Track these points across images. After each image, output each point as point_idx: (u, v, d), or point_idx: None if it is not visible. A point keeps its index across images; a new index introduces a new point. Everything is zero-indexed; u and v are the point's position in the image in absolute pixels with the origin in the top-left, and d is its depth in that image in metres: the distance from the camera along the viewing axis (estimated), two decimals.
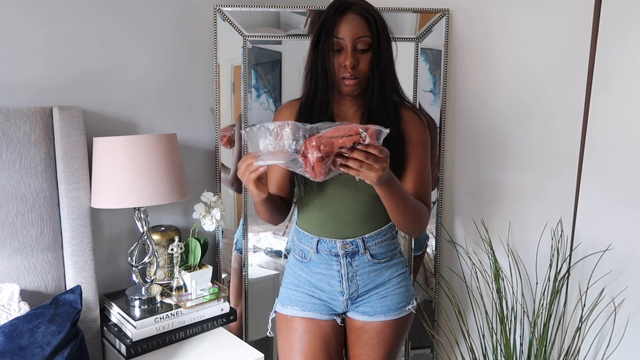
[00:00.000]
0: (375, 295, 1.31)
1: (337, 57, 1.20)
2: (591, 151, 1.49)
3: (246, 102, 1.76)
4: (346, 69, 1.19)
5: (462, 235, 1.83)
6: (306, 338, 1.30)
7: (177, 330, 1.49)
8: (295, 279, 1.35)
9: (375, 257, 1.30)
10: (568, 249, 1.57)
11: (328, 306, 1.32)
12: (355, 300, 1.31)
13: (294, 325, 1.32)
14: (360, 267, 1.29)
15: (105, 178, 1.37)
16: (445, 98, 1.77)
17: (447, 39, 1.74)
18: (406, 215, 1.19)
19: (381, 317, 1.31)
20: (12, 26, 1.36)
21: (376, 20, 1.20)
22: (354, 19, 1.19)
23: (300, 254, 1.34)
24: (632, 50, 1.38)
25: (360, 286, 1.30)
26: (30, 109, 1.35)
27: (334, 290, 1.30)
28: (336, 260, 1.29)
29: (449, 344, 1.88)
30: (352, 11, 1.19)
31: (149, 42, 1.62)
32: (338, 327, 1.34)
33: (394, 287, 1.32)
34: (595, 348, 1.55)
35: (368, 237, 1.28)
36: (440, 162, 1.80)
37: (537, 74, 1.58)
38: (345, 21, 1.19)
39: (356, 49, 1.19)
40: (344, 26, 1.18)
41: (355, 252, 1.28)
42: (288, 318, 1.33)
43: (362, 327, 1.32)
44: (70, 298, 1.27)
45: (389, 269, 1.32)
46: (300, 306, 1.32)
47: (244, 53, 1.74)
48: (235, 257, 1.83)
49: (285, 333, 1.34)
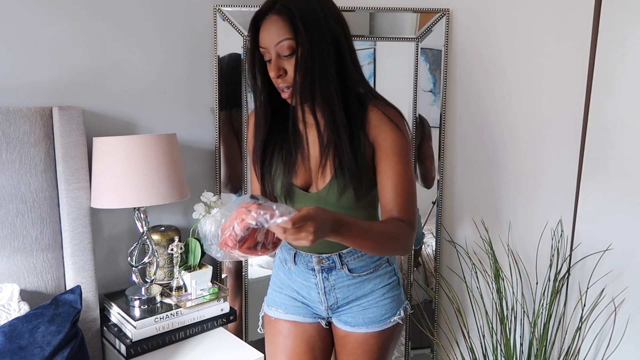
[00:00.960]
0: (356, 307, 1.24)
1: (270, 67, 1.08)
2: (591, 151, 1.49)
3: (246, 102, 1.76)
4: (275, 81, 1.08)
5: (462, 235, 1.83)
6: (290, 340, 1.28)
7: (177, 330, 1.49)
8: (279, 281, 1.33)
9: (353, 271, 1.21)
10: (568, 249, 1.57)
11: (311, 310, 1.29)
12: (335, 310, 1.26)
13: (277, 327, 1.30)
14: (339, 281, 1.22)
15: (105, 178, 1.37)
16: (445, 98, 1.77)
17: (447, 39, 1.74)
18: (376, 248, 1.06)
19: (363, 328, 1.24)
20: (12, 26, 1.36)
21: (296, 15, 1.01)
22: (272, 23, 1.04)
23: (283, 260, 1.31)
24: (632, 50, 1.38)
25: (339, 299, 1.23)
26: (30, 109, 1.35)
27: (313, 299, 1.26)
28: (313, 273, 1.23)
29: (449, 344, 1.88)
30: (271, 13, 1.05)
31: (149, 42, 1.62)
32: (323, 330, 1.30)
33: (377, 299, 1.23)
34: (595, 348, 1.55)
35: (345, 253, 1.20)
36: (440, 162, 1.80)
37: (537, 74, 1.58)
38: (264, 27, 1.05)
39: (281, 56, 1.05)
40: (263, 34, 1.06)
41: (332, 267, 1.21)
42: (272, 320, 1.32)
43: (345, 336, 1.27)
44: (70, 298, 1.27)
45: (371, 280, 1.23)
46: (283, 308, 1.30)
47: (244, 53, 1.74)
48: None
49: (270, 335, 1.33)
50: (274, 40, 1.04)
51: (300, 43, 1.02)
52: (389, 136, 1.09)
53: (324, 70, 1.05)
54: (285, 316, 1.30)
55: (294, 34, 1.02)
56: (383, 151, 1.10)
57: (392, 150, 1.09)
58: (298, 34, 1.02)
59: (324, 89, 1.06)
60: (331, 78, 1.06)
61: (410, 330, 1.88)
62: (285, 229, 0.85)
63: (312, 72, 1.04)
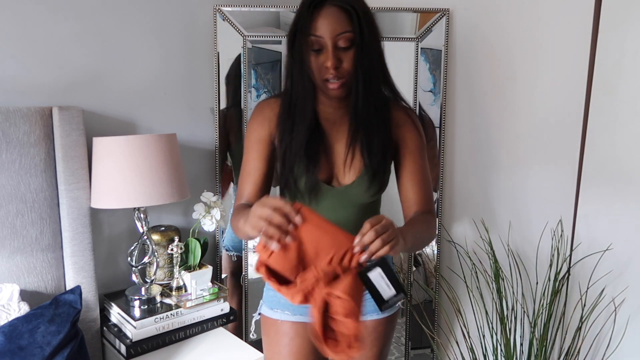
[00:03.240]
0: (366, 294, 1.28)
1: (317, 57, 1.07)
2: (591, 151, 1.49)
3: (246, 102, 1.76)
4: (328, 71, 1.06)
5: (462, 235, 1.83)
6: (297, 342, 1.27)
7: (177, 330, 1.49)
8: None
9: None
10: (568, 249, 1.57)
11: None
12: None
13: (283, 329, 1.28)
14: None
15: (105, 178, 1.37)
16: (445, 98, 1.77)
17: (447, 39, 1.74)
18: (422, 244, 1.22)
19: (374, 315, 1.29)
20: (13, 26, 1.36)
21: (357, 11, 1.05)
22: (333, 13, 1.05)
23: None
24: (632, 50, 1.38)
25: None
26: (30, 109, 1.35)
27: None
28: None
29: (449, 344, 1.88)
30: (330, 4, 1.05)
31: (148, 42, 1.62)
32: None
33: None
34: (595, 348, 1.55)
35: None
36: (440, 162, 1.80)
37: (537, 73, 1.58)
38: (322, 16, 1.05)
39: (337, 47, 1.06)
40: (321, 22, 1.05)
41: None
42: (278, 322, 1.29)
43: None
44: (70, 298, 1.27)
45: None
46: (291, 310, 1.28)
47: (243, 53, 1.74)
48: (224, 256, 1.84)
49: (273, 337, 1.30)
50: (336, 30, 1.05)
51: (363, 38, 1.06)
52: (413, 135, 1.19)
53: (380, 67, 1.13)
54: (293, 317, 1.28)
55: (354, 28, 1.05)
56: (407, 149, 1.18)
57: (415, 148, 1.19)
58: (361, 29, 1.05)
59: (374, 84, 1.12)
60: (381, 75, 1.14)
61: (410, 330, 1.88)
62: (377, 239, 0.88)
63: (370, 66, 1.09)
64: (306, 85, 1.11)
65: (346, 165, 1.16)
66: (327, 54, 1.06)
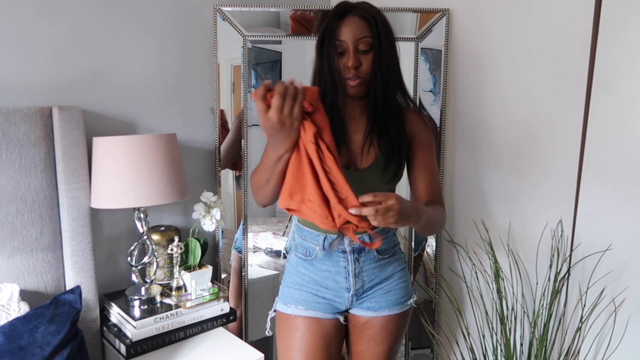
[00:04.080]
0: (379, 290, 1.34)
1: (341, 59, 1.23)
2: (591, 151, 1.49)
3: (246, 102, 1.76)
4: (349, 70, 1.22)
5: (462, 235, 1.83)
6: (308, 337, 1.32)
7: (177, 330, 1.49)
8: (299, 277, 1.36)
9: (380, 252, 1.33)
10: (568, 249, 1.57)
11: (332, 305, 1.34)
12: (360, 296, 1.33)
13: (296, 323, 1.33)
14: (367, 263, 1.32)
15: (105, 178, 1.37)
16: (445, 98, 1.77)
17: (447, 39, 1.74)
18: (433, 229, 1.28)
19: (385, 311, 1.34)
20: (12, 26, 1.36)
21: (377, 21, 1.22)
22: (355, 21, 1.22)
23: (304, 252, 1.35)
24: (632, 50, 1.38)
25: (366, 282, 1.32)
26: (30, 109, 1.34)
27: (339, 287, 1.32)
28: (343, 256, 1.30)
29: (449, 344, 1.88)
30: (353, 14, 1.23)
31: (148, 42, 1.62)
32: (340, 325, 1.36)
33: (396, 282, 1.36)
34: (595, 348, 1.55)
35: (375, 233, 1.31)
36: (441, 162, 1.80)
37: (537, 73, 1.58)
38: (345, 24, 1.22)
39: (358, 50, 1.22)
40: (345, 29, 1.21)
41: (362, 248, 1.30)
42: (291, 317, 1.34)
43: (366, 322, 1.35)
44: (70, 298, 1.27)
45: (391, 264, 1.36)
46: (304, 305, 1.33)
47: (244, 53, 1.74)
48: (234, 256, 1.83)
49: (286, 331, 1.35)
50: (357, 35, 1.21)
51: (380, 43, 1.22)
52: (425, 132, 1.32)
53: (396, 69, 1.28)
54: (306, 312, 1.33)
55: (373, 34, 1.21)
56: (420, 145, 1.31)
57: (427, 145, 1.32)
58: (378, 35, 1.21)
59: (391, 85, 1.26)
60: (397, 80, 1.29)
61: (410, 330, 1.88)
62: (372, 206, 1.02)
63: (386, 68, 1.24)
64: (333, 81, 1.25)
65: (364, 152, 1.28)
66: (349, 55, 1.21)
